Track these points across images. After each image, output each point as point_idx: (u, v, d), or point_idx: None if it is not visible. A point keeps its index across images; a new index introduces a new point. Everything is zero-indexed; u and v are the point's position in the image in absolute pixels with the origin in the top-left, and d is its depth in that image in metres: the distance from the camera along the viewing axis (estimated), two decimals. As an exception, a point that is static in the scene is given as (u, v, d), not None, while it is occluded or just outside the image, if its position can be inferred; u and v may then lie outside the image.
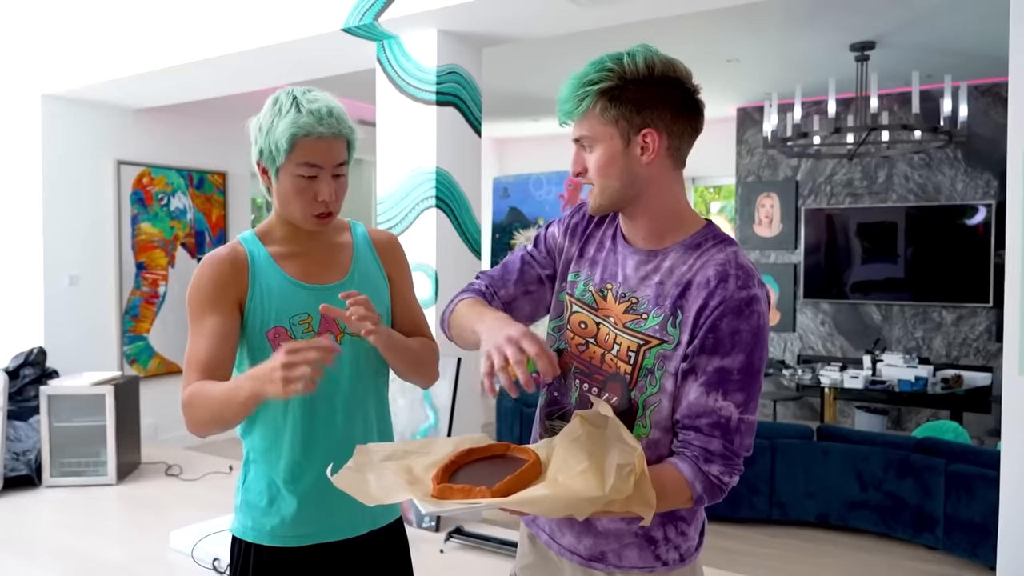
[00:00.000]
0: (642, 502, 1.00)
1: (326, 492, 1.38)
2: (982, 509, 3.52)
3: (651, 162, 1.18)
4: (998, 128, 5.88)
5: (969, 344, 6.16)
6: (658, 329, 1.17)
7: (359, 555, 1.46)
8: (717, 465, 1.14)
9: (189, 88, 4.74)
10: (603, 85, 1.15)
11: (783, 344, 6.95)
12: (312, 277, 1.44)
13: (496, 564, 2.98)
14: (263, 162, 1.40)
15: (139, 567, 2.94)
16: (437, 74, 3.54)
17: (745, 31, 4.70)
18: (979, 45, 4.92)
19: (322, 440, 1.41)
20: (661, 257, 1.21)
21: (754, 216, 7.00)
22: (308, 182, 1.37)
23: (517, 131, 8.12)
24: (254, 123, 1.41)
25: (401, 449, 1.17)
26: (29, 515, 3.54)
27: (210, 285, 1.38)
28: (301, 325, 1.40)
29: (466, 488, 1.02)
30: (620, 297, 1.22)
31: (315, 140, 1.34)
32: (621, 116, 1.16)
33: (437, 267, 3.57)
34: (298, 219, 1.41)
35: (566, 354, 1.28)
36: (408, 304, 1.58)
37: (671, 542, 1.24)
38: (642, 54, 1.18)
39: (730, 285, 1.14)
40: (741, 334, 1.13)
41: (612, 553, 1.24)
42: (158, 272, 5.45)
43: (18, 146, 4.95)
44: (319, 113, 1.34)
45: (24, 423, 4.22)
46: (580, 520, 1.18)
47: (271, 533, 1.41)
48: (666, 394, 1.17)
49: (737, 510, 4.08)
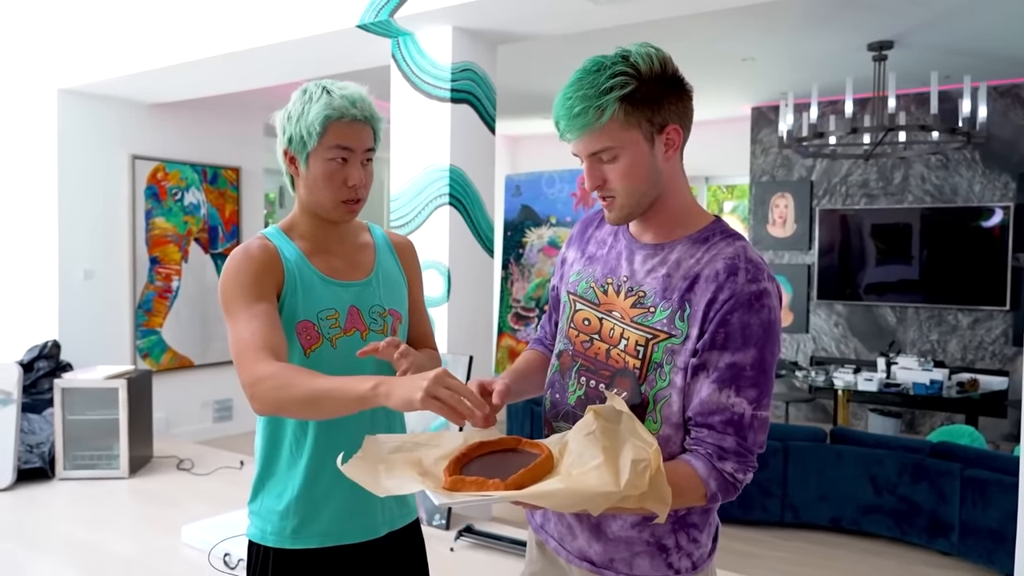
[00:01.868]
0: (657, 499, 0.99)
1: (346, 494, 1.38)
2: (998, 515, 3.49)
3: (669, 158, 1.18)
4: (1017, 130, 5.81)
5: (985, 347, 6.10)
6: (666, 323, 1.16)
7: (378, 556, 1.46)
8: (731, 463, 1.12)
9: (204, 84, 4.76)
10: (623, 91, 1.13)
11: (796, 345, 6.90)
12: (338, 274, 1.44)
13: (506, 563, 2.97)
14: (292, 150, 1.39)
15: (151, 561, 2.95)
16: (452, 71, 3.53)
17: (760, 30, 4.66)
18: (998, 46, 4.87)
19: (343, 442, 1.37)
20: (668, 250, 1.20)
21: (768, 216, 6.95)
22: (339, 166, 1.37)
23: (530, 128, 8.11)
24: (282, 114, 1.41)
25: (411, 441, 1.16)
26: (42, 507, 3.56)
27: (252, 273, 1.35)
28: (328, 320, 1.40)
29: (479, 480, 1.01)
30: (627, 292, 1.21)
31: (348, 123, 1.35)
32: (643, 118, 1.15)
33: (450, 265, 3.56)
34: (327, 207, 1.40)
35: (566, 354, 1.28)
36: (420, 311, 1.59)
37: (683, 549, 1.22)
38: (646, 51, 1.17)
39: (740, 279, 1.13)
40: (752, 328, 1.11)
41: (622, 561, 1.22)
42: (171, 267, 5.47)
43: (34, 140, 4.98)
44: (351, 97, 1.36)
45: (38, 416, 4.25)
46: (594, 517, 1.17)
47: (292, 536, 1.40)
48: (676, 388, 1.15)
49: (749, 512, 4.06)
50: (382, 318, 1.46)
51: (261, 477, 1.44)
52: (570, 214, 6.19)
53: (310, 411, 1.23)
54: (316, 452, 1.39)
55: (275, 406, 1.24)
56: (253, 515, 1.45)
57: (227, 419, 5.88)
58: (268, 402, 1.23)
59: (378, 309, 1.45)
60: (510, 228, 6.43)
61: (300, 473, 1.40)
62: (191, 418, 5.62)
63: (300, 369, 1.24)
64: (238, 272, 1.35)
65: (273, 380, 1.22)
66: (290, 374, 1.21)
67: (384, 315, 1.46)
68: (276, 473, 1.42)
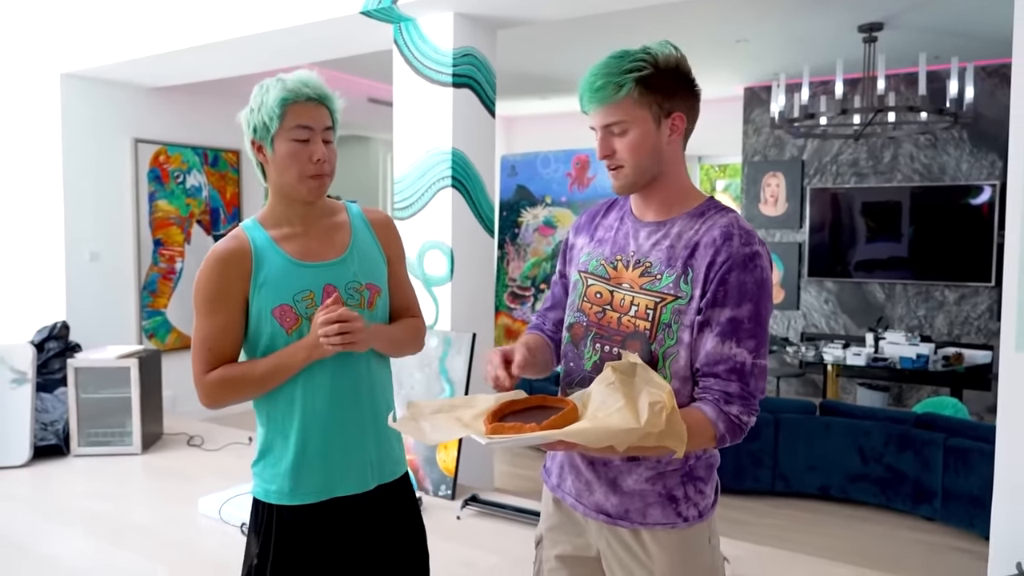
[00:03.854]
0: (675, 436, 1.13)
1: (335, 450, 1.54)
2: (979, 482, 3.64)
3: (673, 142, 1.34)
4: (1003, 109, 5.90)
5: (970, 323, 6.25)
6: (672, 286, 1.31)
7: (371, 508, 1.59)
8: (736, 406, 1.27)
9: (207, 68, 4.81)
10: (640, 74, 1.29)
11: (787, 322, 7.05)
12: (312, 255, 1.55)
13: (510, 530, 3.11)
14: (258, 138, 1.51)
15: (170, 530, 3.08)
16: (453, 56, 3.61)
17: (754, 12, 4.74)
18: (986, 26, 4.97)
19: (330, 403, 1.54)
20: (669, 225, 1.36)
21: (760, 195, 7.07)
22: (302, 145, 1.49)
23: (525, 109, 8.17)
24: (245, 111, 1.53)
25: (448, 404, 1.31)
26: (60, 483, 3.68)
27: (214, 286, 1.51)
28: (304, 301, 1.52)
29: (517, 425, 1.16)
30: (635, 264, 1.36)
31: (303, 104, 1.48)
32: (655, 101, 1.31)
33: (453, 245, 3.67)
34: (295, 184, 1.51)
35: (579, 326, 1.42)
36: (401, 284, 1.69)
37: (691, 500, 1.36)
38: (666, 48, 1.33)
39: (735, 243, 1.28)
40: (747, 286, 1.27)
41: (637, 511, 1.36)
42: (175, 249, 5.56)
43: (38, 124, 5.04)
44: (303, 80, 1.49)
45: (50, 395, 4.36)
46: (611, 472, 1.35)
47: (290, 493, 1.53)
48: (683, 345, 1.30)
49: (742, 482, 4.21)
50: (359, 292, 1.56)
51: (262, 445, 1.59)
52: (565, 194, 6.28)
53: (258, 394, 1.54)
54: (304, 421, 1.53)
55: (223, 401, 1.54)
56: (256, 476, 1.59)
57: (231, 397, 5.99)
58: (216, 400, 1.54)
59: (354, 284, 1.56)
60: (506, 208, 6.52)
61: (293, 441, 1.53)
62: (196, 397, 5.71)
63: (232, 368, 1.52)
64: (207, 281, 1.51)
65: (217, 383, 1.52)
66: (228, 378, 1.52)
67: (360, 289, 1.57)
68: (273, 441, 1.56)
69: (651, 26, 4.86)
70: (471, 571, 2.77)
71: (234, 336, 1.53)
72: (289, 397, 1.53)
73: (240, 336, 1.54)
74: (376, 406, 1.60)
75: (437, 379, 3.57)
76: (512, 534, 3.06)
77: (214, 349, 1.52)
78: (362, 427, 1.57)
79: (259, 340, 1.53)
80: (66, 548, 2.96)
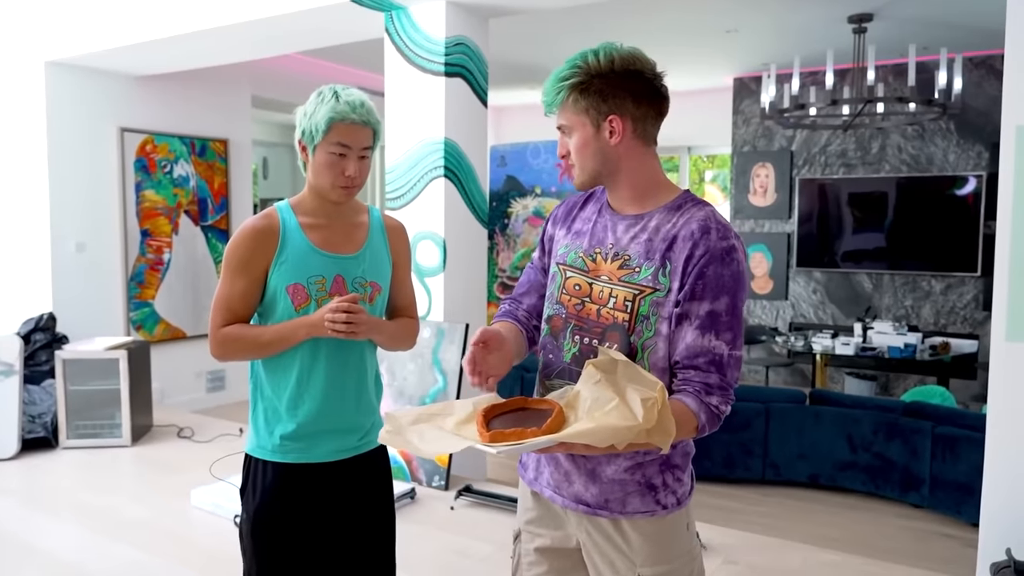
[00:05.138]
0: (662, 432, 1.14)
1: (320, 419, 1.70)
2: (966, 469, 3.68)
3: (620, 143, 1.35)
4: (990, 100, 5.97)
5: (957, 312, 6.31)
6: (650, 279, 1.33)
7: (347, 474, 1.74)
8: (716, 396, 1.30)
9: (194, 56, 4.76)
10: (573, 81, 1.32)
11: (776, 312, 7.09)
12: (330, 246, 1.72)
13: (503, 519, 3.12)
14: (304, 140, 1.68)
15: (164, 523, 3.06)
16: (445, 45, 3.59)
17: (745, 2, 4.74)
18: (974, 18, 4.99)
19: (321, 376, 1.71)
20: (647, 218, 1.37)
21: (749, 186, 7.09)
22: (338, 159, 1.65)
23: (515, 99, 8.14)
24: (300, 111, 1.69)
25: (425, 413, 1.29)
26: (50, 475, 3.65)
27: (242, 253, 1.68)
28: (316, 284, 1.69)
29: (518, 431, 1.15)
30: (613, 257, 1.38)
31: (348, 125, 1.63)
32: (590, 106, 1.33)
33: (445, 235, 3.66)
34: (326, 189, 1.69)
35: (558, 318, 1.43)
36: (403, 286, 1.87)
37: (669, 487, 1.39)
38: (604, 51, 1.33)
39: (712, 237, 1.30)
40: (724, 279, 1.29)
41: (616, 501, 1.38)
42: (162, 239, 5.51)
43: (23, 113, 4.97)
44: (353, 104, 1.64)
45: (37, 387, 4.31)
46: (590, 463, 1.36)
47: (272, 450, 1.69)
48: (661, 337, 1.32)
49: (732, 471, 4.24)
50: (363, 287, 1.74)
51: (253, 402, 1.75)
52: (555, 184, 6.27)
53: (260, 356, 1.70)
54: (299, 383, 1.70)
55: (231, 356, 1.69)
56: (251, 433, 1.75)
57: (220, 389, 5.96)
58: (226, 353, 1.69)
59: (360, 280, 1.74)
60: (495, 198, 6.49)
61: (285, 400, 1.70)
62: (185, 388, 5.69)
63: (244, 328, 1.68)
64: (237, 248, 1.68)
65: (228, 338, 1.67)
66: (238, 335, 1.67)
67: (365, 285, 1.74)
68: (265, 399, 1.73)
69: (641, 16, 4.85)
70: (465, 560, 2.78)
71: (251, 301, 1.70)
72: (286, 363, 1.70)
73: (256, 302, 1.71)
74: (363, 383, 1.78)
75: (430, 370, 3.56)
76: (506, 523, 3.06)
77: (232, 308, 1.68)
78: (349, 400, 1.74)
79: (273, 309, 1.69)
80: (59, 541, 2.94)
